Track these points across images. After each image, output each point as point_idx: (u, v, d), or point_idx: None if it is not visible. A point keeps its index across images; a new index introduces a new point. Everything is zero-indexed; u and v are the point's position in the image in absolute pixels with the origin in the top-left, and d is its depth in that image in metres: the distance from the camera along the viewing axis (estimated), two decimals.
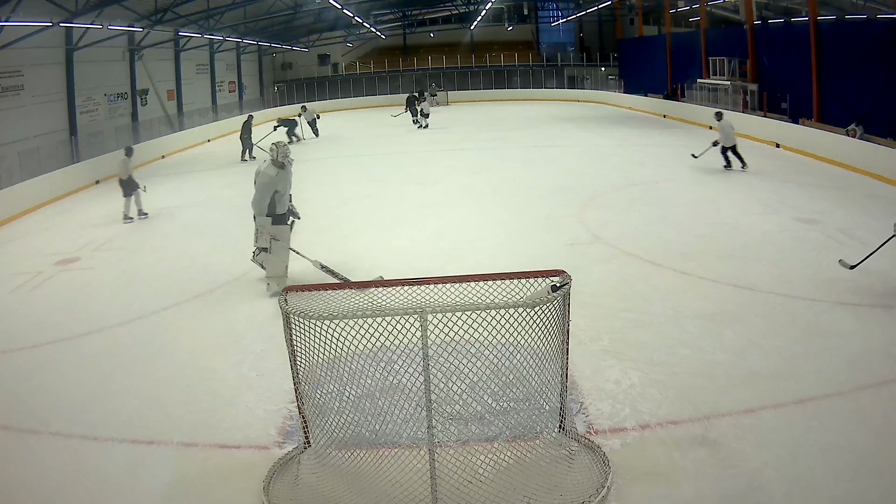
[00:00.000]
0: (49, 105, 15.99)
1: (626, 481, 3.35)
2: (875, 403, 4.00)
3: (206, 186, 13.23)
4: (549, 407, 3.70)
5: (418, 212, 9.75)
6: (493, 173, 12.74)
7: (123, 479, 3.58)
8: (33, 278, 7.59)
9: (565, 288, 3.36)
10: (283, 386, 4.40)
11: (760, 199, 9.66)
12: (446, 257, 7.37)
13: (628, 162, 13.38)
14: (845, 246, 7.24)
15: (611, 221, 8.73)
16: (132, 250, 8.62)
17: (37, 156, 13.72)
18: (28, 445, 3.99)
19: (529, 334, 3.32)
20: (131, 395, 4.54)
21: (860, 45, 15.15)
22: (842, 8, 17.15)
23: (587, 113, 25.05)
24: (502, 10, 35.30)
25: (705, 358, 4.70)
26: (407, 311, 3.23)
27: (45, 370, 5.07)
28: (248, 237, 8.86)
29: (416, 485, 3.22)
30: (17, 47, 13.64)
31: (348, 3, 22.69)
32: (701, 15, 24.28)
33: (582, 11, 31.93)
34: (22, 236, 10.08)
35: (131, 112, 20.16)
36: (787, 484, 3.27)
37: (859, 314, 5.39)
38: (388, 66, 35.66)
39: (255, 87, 31.95)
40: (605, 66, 34.10)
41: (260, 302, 6.19)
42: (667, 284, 6.25)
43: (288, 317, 3.42)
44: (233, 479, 3.54)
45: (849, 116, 14.72)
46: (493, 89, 33.57)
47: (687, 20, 27.46)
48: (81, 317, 6.18)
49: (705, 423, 3.85)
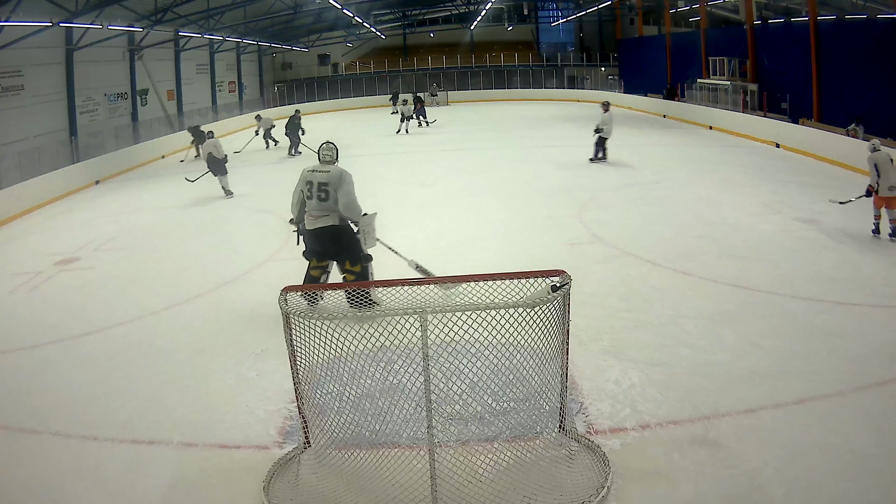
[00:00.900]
0: (49, 105, 16.00)
1: (626, 481, 3.35)
2: (875, 403, 4.00)
3: (205, 186, 13.21)
4: (549, 407, 3.70)
5: (418, 212, 9.75)
6: (494, 173, 12.74)
7: (123, 479, 3.58)
8: (33, 278, 7.59)
9: (565, 288, 3.36)
10: (283, 386, 4.40)
11: (760, 199, 9.66)
12: (446, 257, 7.37)
13: (628, 162, 13.37)
14: (845, 246, 7.25)
15: (611, 221, 8.73)
16: (132, 250, 8.62)
17: (37, 156, 13.72)
18: (28, 445, 3.98)
19: (529, 334, 3.31)
20: (131, 395, 4.54)
21: (860, 45, 15.16)
22: (842, 8, 17.15)
23: (587, 113, 25.00)
24: (502, 10, 35.33)
25: (705, 358, 4.69)
26: (407, 311, 3.24)
27: (45, 370, 5.06)
28: (248, 237, 8.92)
29: (416, 485, 3.22)
30: (17, 47, 13.65)
31: (348, 3, 22.70)
32: (701, 15, 24.30)
33: (582, 11, 31.98)
34: (22, 236, 10.08)
35: (131, 112, 20.17)
36: (787, 484, 3.27)
37: (859, 314, 5.39)
38: (388, 66, 35.68)
39: (255, 87, 31.97)
40: (605, 66, 34.12)
41: (260, 302, 6.19)
42: (667, 284, 6.25)
43: (288, 317, 3.42)
44: (233, 479, 3.54)
45: (849, 116, 14.73)
46: (493, 89, 33.57)
47: (687, 20, 27.48)
48: (81, 317, 6.18)
49: (705, 423, 3.85)
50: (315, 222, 5.57)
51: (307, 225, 5.64)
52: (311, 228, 5.59)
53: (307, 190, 5.52)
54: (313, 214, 5.56)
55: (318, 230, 5.57)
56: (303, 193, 5.59)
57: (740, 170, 12.25)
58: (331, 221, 5.54)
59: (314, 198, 5.49)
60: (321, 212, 5.52)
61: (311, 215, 5.57)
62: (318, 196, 5.47)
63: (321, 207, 5.50)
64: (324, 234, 5.56)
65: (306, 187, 5.53)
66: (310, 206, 5.56)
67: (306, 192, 5.53)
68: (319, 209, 5.51)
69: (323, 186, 5.47)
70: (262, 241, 8.57)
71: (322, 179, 5.48)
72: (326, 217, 5.53)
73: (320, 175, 5.51)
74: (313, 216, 5.56)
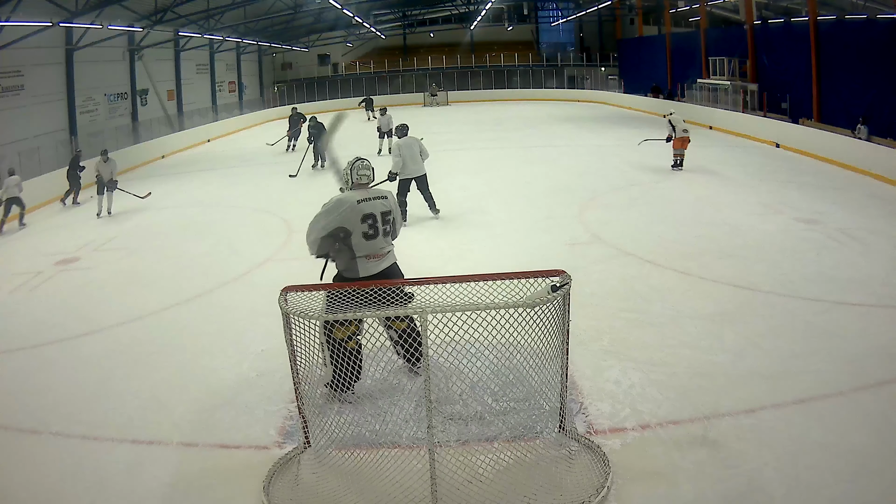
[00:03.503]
0: (49, 105, 16.01)
1: (626, 481, 3.35)
2: (875, 403, 4.00)
3: (206, 186, 13.23)
4: (549, 407, 3.70)
5: (418, 212, 9.74)
6: (493, 173, 12.74)
7: (123, 479, 3.58)
8: (33, 278, 7.59)
9: (565, 288, 3.36)
10: (283, 386, 4.40)
11: (760, 199, 9.66)
12: (446, 257, 7.37)
13: (628, 162, 13.38)
14: (845, 246, 7.25)
15: (611, 221, 8.73)
16: (132, 250, 8.62)
17: (37, 156, 13.73)
18: (28, 445, 3.98)
19: (529, 334, 3.32)
20: (131, 395, 4.54)
21: (860, 45, 15.17)
22: (842, 8, 17.14)
23: (587, 113, 25.05)
24: (502, 10, 35.34)
25: (705, 358, 4.69)
26: (407, 312, 3.24)
27: (45, 370, 5.06)
28: (248, 237, 8.91)
29: (416, 485, 3.22)
30: (17, 47, 13.65)
31: (348, 3, 22.70)
32: (701, 15, 24.30)
33: (582, 11, 31.97)
34: (22, 236, 10.09)
35: (131, 112, 20.18)
36: (787, 484, 3.27)
37: (859, 314, 5.39)
38: (388, 66, 35.67)
39: (255, 87, 31.98)
40: (605, 66, 34.12)
41: (260, 302, 6.19)
42: (667, 284, 6.25)
43: (288, 317, 3.42)
44: (233, 479, 3.54)
45: (849, 116, 14.73)
46: (493, 89, 33.56)
47: (687, 20, 27.47)
48: (81, 317, 6.18)
49: (705, 423, 3.85)
50: (380, 263, 4.21)
51: (365, 271, 4.15)
52: (376, 272, 4.18)
53: (368, 228, 4.10)
54: (376, 255, 4.18)
55: (385, 271, 4.23)
56: (347, 233, 4.08)
57: (740, 170, 12.26)
58: (394, 257, 4.37)
59: (380, 234, 4.16)
60: (386, 248, 4.26)
61: (370, 257, 4.16)
62: (384, 230, 4.19)
63: (387, 244, 4.27)
64: (392, 276, 4.25)
65: (364, 224, 4.09)
66: (372, 248, 4.15)
67: (366, 231, 4.10)
68: (386, 246, 4.27)
69: (387, 217, 4.22)
70: (262, 241, 8.57)
71: (384, 209, 4.20)
72: (391, 253, 4.33)
73: (380, 204, 4.19)
74: (376, 257, 4.18)
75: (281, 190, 12.03)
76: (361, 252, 4.13)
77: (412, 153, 8.59)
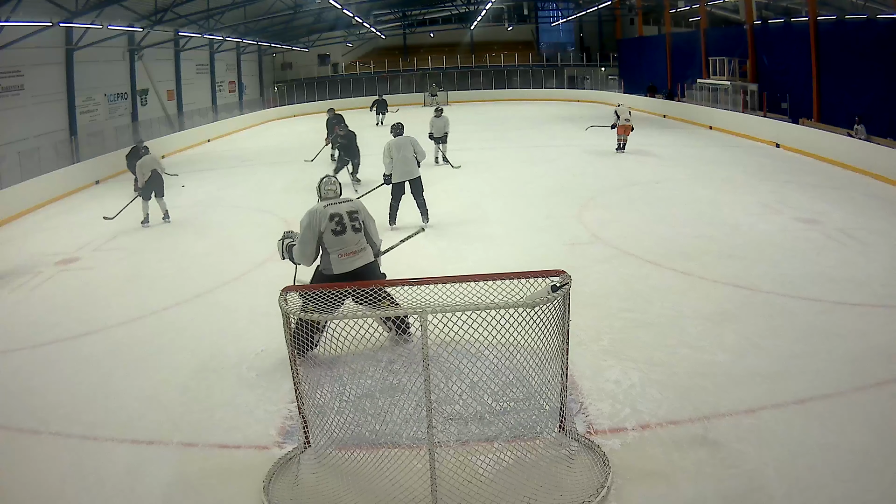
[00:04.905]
0: (49, 105, 16.00)
1: (626, 481, 3.35)
2: (875, 403, 4.00)
3: (206, 186, 13.22)
4: (549, 407, 3.70)
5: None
6: (493, 173, 12.74)
7: (123, 479, 3.58)
8: (33, 278, 7.59)
9: (565, 288, 3.36)
10: (283, 386, 4.40)
11: (760, 199, 9.66)
12: (446, 257, 7.37)
13: (628, 162, 13.38)
14: (845, 246, 7.25)
15: (610, 221, 8.73)
16: (132, 250, 8.62)
17: (37, 156, 13.73)
18: (28, 445, 3.98)
19: (529, 334, 3.31)
20: (131, 395, 4.54)
21: (860, 45, 15.17)
22: (842, 8, 17.15)
23: (587, 113, 25.03)
24: (502, 10, 35.36)
25: (705, 358, 4.69)
26: (407, 311, 3.24)
27: (45, 370, 5.06)
28: (248, 237, 8.91)
29: (416, 485, 3.22)
30: (17, 47, 13.65)
31: (348, 3, 22.71)
32: (701, 15, 24.30)
33: (582, 11, 31.98)
34: (22, 236, 10.09)
35: (131, 112, 20.18)
36: (787, 484, 3.27)
37: (859, 314, 5.38)
38: (388, 66, 35.68)
39: (255, 87, 31.99)
40: (605, 66, 34.13)
41: (260, 302, 6.19)
42: (667, 284, 6.25)
43: (288, 317, 3.42)
44: (233, 479, 3.54)
45: (849, 116, 14.72)
46: (493, 89, 33.56)
47: (687, 20, 27.47)
48: (81, 317, 6.18)
49: (705, 423, 3.85)
50: (354, 261, 4.67)
51: (339, 268, 4.63)
52: (350, 270, 4.64)
53: (336, 225, 4.60)
54: (348, 252, 4.64)
55: (358, 270, 4.67)
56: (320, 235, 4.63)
57: (740, 170, 12.26)
58: (369, 257, 4.78)
59: (348, 229, 4.63)
60: (358, 245, 4.71)
61: (343, 254, 4.63)
62: (352, 227, 4.65)
63: (358, 240, 4.70)
64: (366, 275, 4.69)
65: (332, 222, 4.60)
66: (342, 243, 4.63)
67: (334, 228, 4.60)
68: (357, 243, 4.69)
69: (354, 215, 4.70)
70: (262, 241, 8.56)
71: (350, 208, 4.73)
72: (364, 252, 4.75)
73: (345, 205, 4.75)
74: (348, 254, 4.64)
75: (281, 190, 12.05)
76: (333, 248, 4.65)
77: (404, 155, 8.44)
